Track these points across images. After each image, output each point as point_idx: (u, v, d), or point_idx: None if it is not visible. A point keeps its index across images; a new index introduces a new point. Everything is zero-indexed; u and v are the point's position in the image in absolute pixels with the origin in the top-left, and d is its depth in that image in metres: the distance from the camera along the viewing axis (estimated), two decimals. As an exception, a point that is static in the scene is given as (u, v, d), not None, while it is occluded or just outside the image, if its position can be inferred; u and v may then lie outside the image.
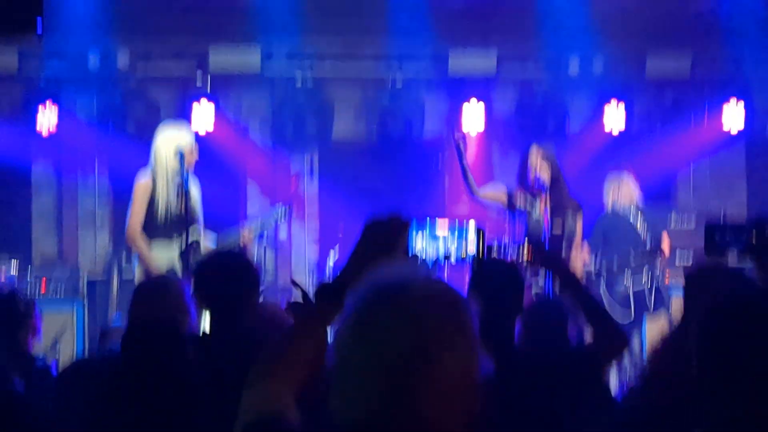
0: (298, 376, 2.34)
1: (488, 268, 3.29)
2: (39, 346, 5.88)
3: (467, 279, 3.60)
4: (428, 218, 2.86)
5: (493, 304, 3.30)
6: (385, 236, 2.42)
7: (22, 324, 5.67)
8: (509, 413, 3.49)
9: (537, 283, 7.35)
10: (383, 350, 1.90)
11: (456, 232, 2.64)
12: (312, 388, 2.33)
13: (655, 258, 9.90)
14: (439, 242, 2.62)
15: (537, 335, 4.05)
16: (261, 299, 9.02)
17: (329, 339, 2.18)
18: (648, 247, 9.86)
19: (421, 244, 2.59)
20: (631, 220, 9.95)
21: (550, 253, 3.92)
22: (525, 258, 3.87)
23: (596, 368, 4.04)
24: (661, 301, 9.84)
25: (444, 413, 1.92)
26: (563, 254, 8.07)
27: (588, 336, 4.00)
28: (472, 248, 2.64)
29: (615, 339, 3.91)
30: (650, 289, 9.80)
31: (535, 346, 4.02)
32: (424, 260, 2.59)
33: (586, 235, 9.15)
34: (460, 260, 2.60)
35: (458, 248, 2.62)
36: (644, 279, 9.73)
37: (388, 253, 2.36)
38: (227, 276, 4.34)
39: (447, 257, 2.55)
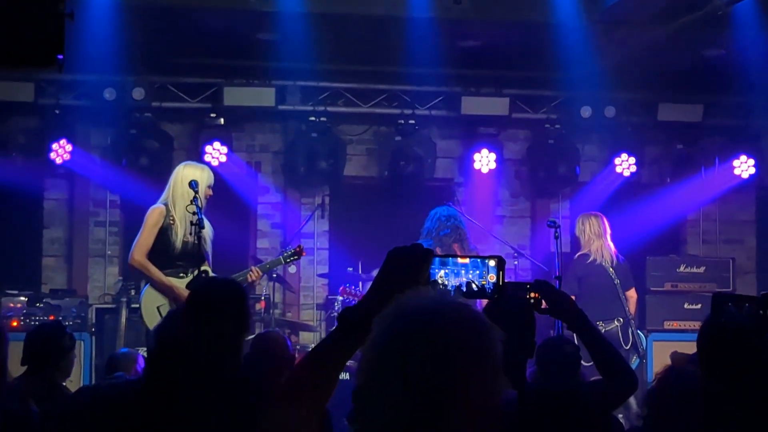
0: (324, 399, 2.39)
1: (505, 300, 3.31)
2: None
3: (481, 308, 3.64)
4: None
5: (508, 335, 3.30)
6: (407, 264, 2.46)
7: (65, 356, 5.87)
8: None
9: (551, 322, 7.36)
10: (410, 373, 1.93)
11: (477, 262, 2.66)
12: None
13: (624, 313, 9.87)
14: (460, 271, 2.64)
15: (548, 371, 4.06)
16: (258, 330, 9.05)
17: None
18: (621, 296, 9.83)
19: (441, 272, 2.62)
20: (604, 267, 9.87)
21: (558, 294, 3.92)
22: (533, 297, 3.90)
23: (606, 408, 4.05)
24: (633, 344, 9.80)
25: None
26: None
27: (598, 374, 4.00)
28: (492, 276, 2.65)
29: (625, 379, 3.92)
30: (623, 328, 9.78)
31: (546, 382, 4.03)
32: (446, 287, 2.62)
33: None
34: (480, 288, 2.62)
35: (479, 276, 2.64)
36: (615, 324, 9.69)
37: (410, 281, 2.40)
38: (217, 303, 4.37)
39: (468, 285, 2.57)
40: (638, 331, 10.06)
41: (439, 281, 2.65)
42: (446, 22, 10.12)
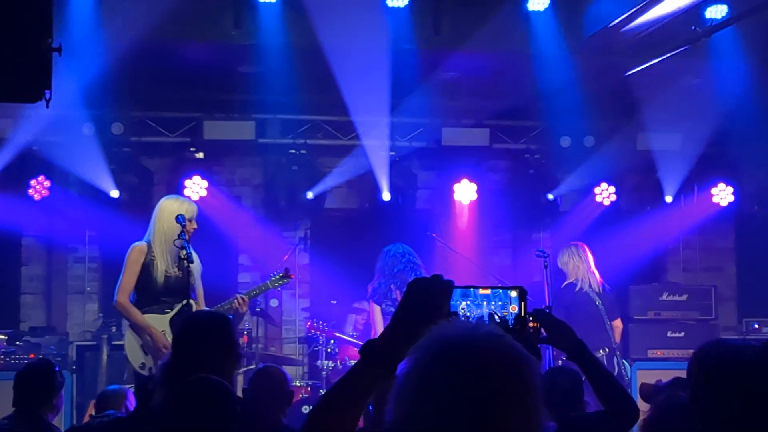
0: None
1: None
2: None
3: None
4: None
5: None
6: (428, 296, 2.43)
7: (56, 394, 5.82)
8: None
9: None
10: (453, 404, 1.90)
11: (498, 293, 2.63)
12: None
13: (610, 342, 9.86)
14: (482, 302, 2.61)
15: (552, 402, 4.02)
16: (252, 363, 8.97)
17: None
18: (607, 325, 9.81)
19: (463, 303, 2.59)
20: (590, 296, 9.87)
21: (558, 323, 3.89)
22: (532, 327, 3.86)
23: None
24: (618, 373, 9.78)
25: None
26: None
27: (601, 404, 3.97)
28: (514, 307, 2.63)
29: (627, 410, 3.88)
30: (608, 357, 9.75)
31: (550, 411, 4.00)
32: (468, 318, 2.58)
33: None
34: (503, 319, 2.59)
35: (501, 307, 2.61)
36: (600, 353, 9.67)
37: (432, 313, 2.37)
38: (204, 335, 4.33)
39: (490, 316, 2.54)
40: (623, 360, 10.05)
41: (461, 313, 2.61)
42: (426, 53, 10.15)
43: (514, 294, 2.62)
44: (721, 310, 12.02)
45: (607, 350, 9.74)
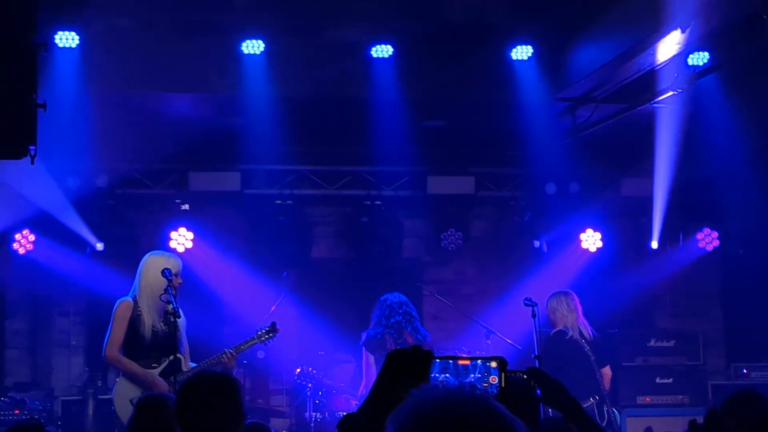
0: None
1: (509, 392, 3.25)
2: None
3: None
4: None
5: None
6: (408, 367, 2.41)
7: None
8: None
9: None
10: None
11: (478, 364, 2.61)
12: None
13: (600, 390, 9.80)
14: (462, 373, 2.58)
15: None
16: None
17: None
18: (596, 373, 9.76)
19: (442, 376, 2.56)
20: (580, 344, 9.81)
21: (552, 382, 3.86)
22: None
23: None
24: (608, 421, 9.71)
25: None
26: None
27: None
28: (494, 378, 2.59)
29: None
30: (598, 405, 9.69)
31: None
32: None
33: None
34: (483, 390, 2.55)
35: (481, 380, 2.58)
36: (590, 401, 9.60)
37: (411, 383, 2.34)
38: (211, 398, 4.24)
39: (471, 387, 2.51)
40: (613, 409, 9.99)
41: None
42: (411, 101, 10.18)
43: (494, 365, 2.59)
44: (709, 355, 12.01)
45: (597, 398, 9.67)
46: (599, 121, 10.65)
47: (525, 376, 3.83)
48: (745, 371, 11.58)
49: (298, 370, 10.13)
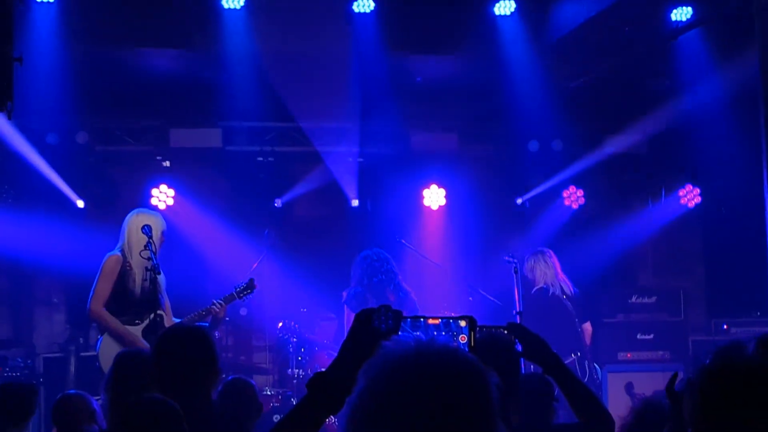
0: None
1: (481, 344, 3.23)
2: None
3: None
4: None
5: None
6: (376, 327, 2.40)
7: (32, 413, 5.75)
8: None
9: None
10: (403, 420, 1.84)
11: (448, 323, 2.60)
12: None
13: (581, 346, 9.84)
14: (432, 333, 2.56)
15: (522, 407, 3.99)
16: (223, 375, 8.91)
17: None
18: (578, 329, 9.79)
19: (413, 333, 2.55)
20: (561, 301, 9.84)
21: (532, 336, 3.85)
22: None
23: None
24: (589, 376, 9.76)
25: None
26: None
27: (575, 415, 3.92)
28: (464, 337, 2.58)
29: (602, 422, 3.84)
30: (579, 361, 9.73)
31: (522, 420, 3.96)
32: None
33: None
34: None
35: (450, 338, 2.57)
36: (572, 357, 9.64)
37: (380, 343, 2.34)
38: (186, 351, 4.24)
39: None
40: (594, 364, 10.04)
41: None
42: (393, 58, 10.12)
43: (463, 324, 2.58)
44: (690, 311, 12.05)
45: (578, 354, 9.72)
46: (582, 78, 10.62)
47: (506, 332, 3.82)
48: (725, 327, 11.64)
49: (281, 324, 10.14)
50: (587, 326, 10.00)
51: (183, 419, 3.72)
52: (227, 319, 10.22)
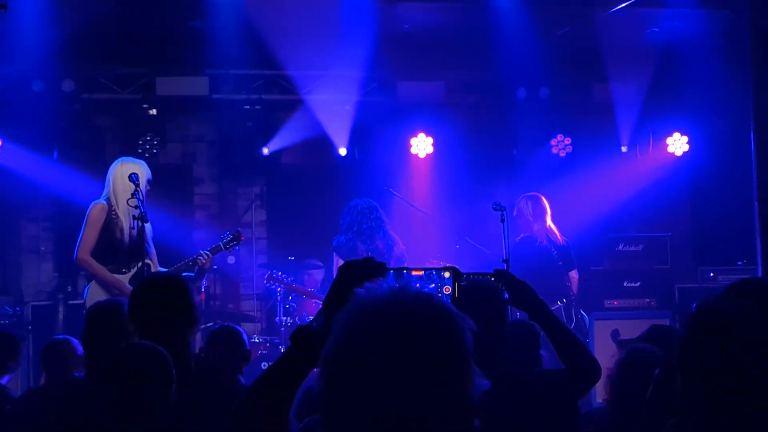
0: (284, 418, 2.42)
1: (468, 291, 3.24)
2: None
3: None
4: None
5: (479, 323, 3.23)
6: (360, 278, 2.40)
7: (19, 357, 5.78)
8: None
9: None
10: (378, 369, 1.83)
11: (432, 274, 2.60)
12: None
13: (567, 293, 9.88)
14: (415, 284, 2.57)
15: (508, 354, 4.02)
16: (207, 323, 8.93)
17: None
18: (564, 277, 9.82)
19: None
20: (548, 248, 9.85)
21: (519, 283, 3.87)
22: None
23: (571, 395, 3.99)
24: (576, 323, 9.80)
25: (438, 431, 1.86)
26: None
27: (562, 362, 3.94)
28: (448, 288, 2.59)
29: (589, 368, 3.87)
30: (566, 308, 9.77)
31: (508, 366, 3.99)
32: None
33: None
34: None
35: (434, 290, 2.57)
36: (558, 304, 9.67)
37: None
38: (162, 299, 4.25)
39: None
40: (581, 311, 10.09)
41: None
42: (380, 5, 10.06)
43: (447, 275, 2.59)
44: (677, 259, 12.09)
45: (564, 301, 9.76)
46: (570, 25, 10.56)
47: (493, 279, 3.84)
48: (712, 274, 11.70)
49: (267, 274, 10.16)
50: (574, 274, 10.03)
51: (171, 364, 3.74)
52: (215, 267, 10.24)
